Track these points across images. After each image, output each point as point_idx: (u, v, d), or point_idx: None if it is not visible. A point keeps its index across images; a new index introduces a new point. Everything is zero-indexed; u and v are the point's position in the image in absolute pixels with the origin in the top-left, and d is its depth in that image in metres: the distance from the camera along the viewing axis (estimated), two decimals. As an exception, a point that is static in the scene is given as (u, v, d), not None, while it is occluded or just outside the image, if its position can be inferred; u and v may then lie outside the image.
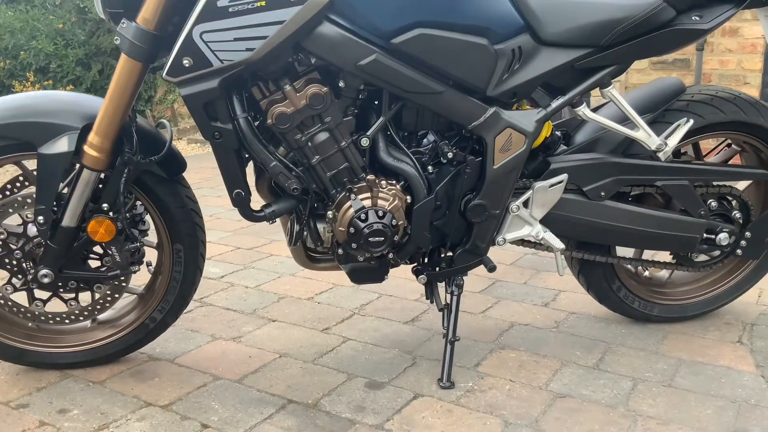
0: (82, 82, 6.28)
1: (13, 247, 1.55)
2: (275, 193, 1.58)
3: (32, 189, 1.57)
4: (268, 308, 2.13)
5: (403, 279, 2.32)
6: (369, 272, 1.67)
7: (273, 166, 1.47)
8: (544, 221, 1.68)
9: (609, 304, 1.94)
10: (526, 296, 2.22)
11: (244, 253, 2.71)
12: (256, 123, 1.49)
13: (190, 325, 2.00)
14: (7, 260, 1.56)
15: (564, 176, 1.64)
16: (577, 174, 1.66)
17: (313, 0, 1.33)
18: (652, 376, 1.68)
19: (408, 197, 1.56)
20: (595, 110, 1.72)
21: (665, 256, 1.99)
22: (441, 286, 1.75)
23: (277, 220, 1.60)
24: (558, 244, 1.67)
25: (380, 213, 1.51)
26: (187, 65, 1.34)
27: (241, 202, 1.50)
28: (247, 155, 1.54)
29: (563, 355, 1.80)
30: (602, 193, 1.69)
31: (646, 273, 1.99)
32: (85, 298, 1.68)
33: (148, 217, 1.68)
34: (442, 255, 1.68)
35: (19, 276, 1.58)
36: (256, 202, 1.52)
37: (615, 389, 1.62)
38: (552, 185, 1.64)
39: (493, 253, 2.39)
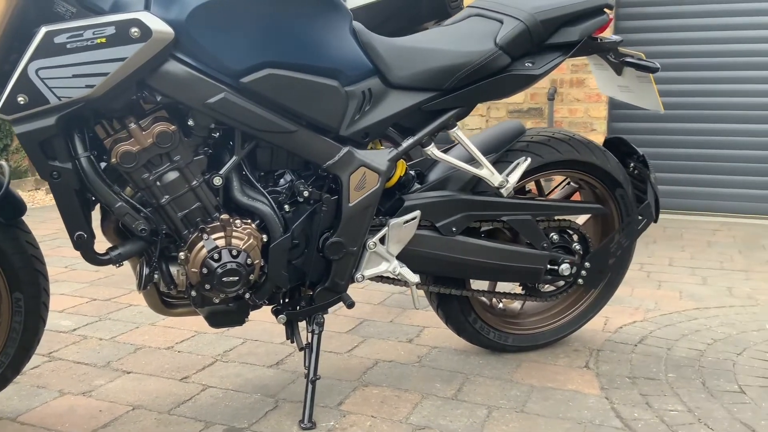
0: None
1: None
2: (123, 235, 1.53)
3: None
4: (123, 360, 2.03)
5: (269, 323, 2.29)
6: (227, 315, 1.64)
7: (118, 206, 1.42)
8: (401, 257, 1.73)
9: (466, 336, 2.01)
10: (392, 334, 2.26)
11: (101, 304, 2.57)
12: (102, 163, 1.44)
13: (36, 381, 1.86)
14: None
15: (417, 213, 1.70)
16: (430, 210, 1.73)
17: (157, 37, 1.32)
18: (506, 403, 1.75)
19: (264, 236, 1.56)
20: (446, 150, 1.81)
21: (517, 287, 2.09)
22: (302, 326, 1.74)
23: (126, 263, 1.55)
24: (413, 278, 1.72)
25: (234, 252, 1.50)
26: (22, 102, 1.28)
27: (83, 245, 1.44)
28: (91, 196, 1.48)
29: (424, 388, 1.84)
30: (453, 229, 1.77)
31: (501, 305, 2.09)
32: None
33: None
34: (302, 294, 1.69)
35: None
36: (104, 244, 1.46)
37: (471, 418, 1.67)
38: (406, 222, 1.69)
39: (361, 293, 2.43)
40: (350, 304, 1.70)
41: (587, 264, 1.96)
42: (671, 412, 1.70)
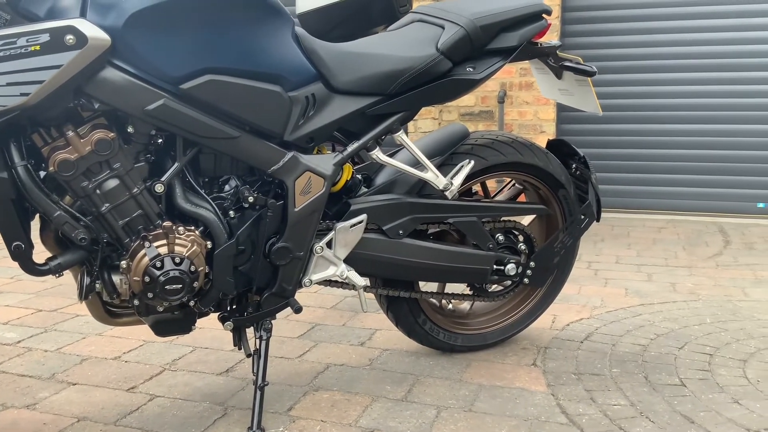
0: None
1: None
2: (63, 244, 1.50)
3: None
4: (69, 371, 1.99)
5: (219, 330, 2.28)
6: (173, 323, 1.62)
7: (57, 215, 1.40)
8: (349, 261, 1.74)
9: (416, 337, 2.03)
10: (344, 337, 2.26)
11: (46, 315, 2.51)
12: (40, 172, 1.41)
13: (-26, 396, 1.81)
14: None
15: (363, 216, 1.71)
16: (376, 214, 1.75)
17: (92, 44, 1.30)
18: (454, 403, 1.77)
19: (208, 243, 1.55)
20: (392, 154, 1.83)
21: (465, 288, 2.12)
22: (250, 332, 1.73)
23: (68, 273, 1.52)
24: (360, 281, 1.73)
25: (177, 260, 1.49)
26: (-48, 111, 1.26)
27: (20, 256, 1.41)
28: (25, 206, 1.45)
29: (374, 390, 1.85)
30: (400, 231, 1.78)
31: (450, 306, 2.11)
32: None
33: None
34: (249, 300, 1.68)
35: None
36: (43, 254, 1.43)
37: (420, 419, 1.69)
38: (353, 225, 1.70)
39: (313, 297, 2.43)
40: (297, 309, 1.70)
41: (532, 263, 2.00)
42: (614, 407, 1.75)
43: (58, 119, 1.38)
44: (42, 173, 1.42)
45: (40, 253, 1.41)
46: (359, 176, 1.83)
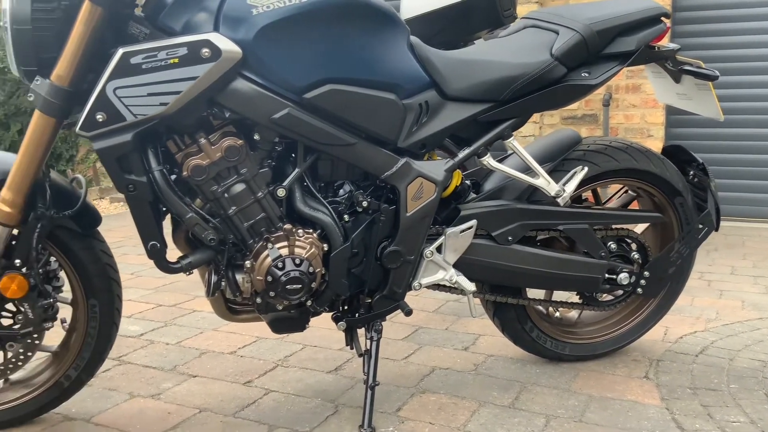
0: (1, 141, 6.11)
1: None
2: (192, 244, 1.60)
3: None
4: (189, 364, 2.11)
5: (327, 329, 2.35)
6: (289, 321, 1.69)
7: (189, 217, 1.49)
8: (458, 266, 1.75)
9: (523, 344, 2.02)
10: (447, 341, 2.28)
11: (166, 310, 2.67)
12: (173, 176, 1.52)
13: (107, 383, 1.95)
14: None
15: (473, 222, 1.72)
16: (486, 220, 1.75)
17: (226, 57, 1.39)
18: (563, 413, 1.75)
19: (325, 245, 1.61)
20: (501, 160, 1.83)
21: (574, 296, 2.09)
22: (361, 333, 1.78)
23: (196, 272, 1.62)
24: (469, 286, 1.74)
25: (297, 261, 1.55)
26: (100, 120, 1.37)
27: (156, 254, 1.51)
28: (164, 208, 1.56)
29: (481, 396, 1.86)
30: (509, 238, 1.78)
31: (557, 314, 2.08)
32: (-6, 358, 1.63)
33: (62, 273, 1.66)
34: (361, 301, 1.73)
35: (-76, 337, 1.53)
36: (174, 253, 1.53)
37: (529, 427, 1.68)
38: (462, 231, 1.72)
39: (416, 300, 2.45)
40: (408, 312, 1.73)
41: (646, 273, 1.95)
42: (734, 423, 1.67)
43: (191, 127, 1.47)
44: (173, 177, 1.52)
45: (170, 251, 1.50)
46: (468, 182, 1.84)
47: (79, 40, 1.38)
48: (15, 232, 1.52)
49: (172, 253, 1.53)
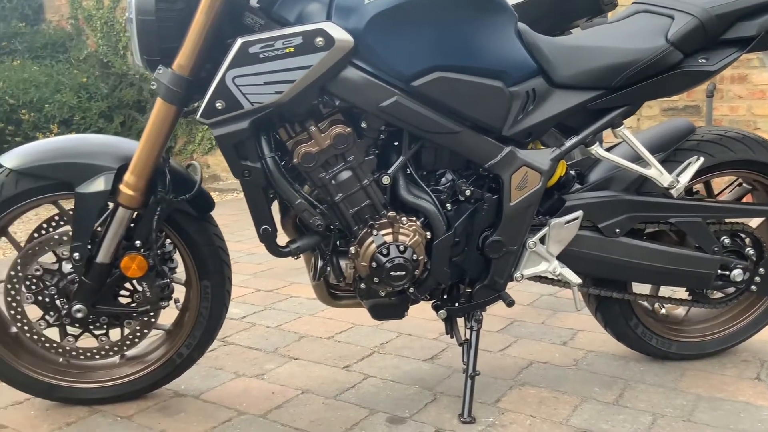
0: (105, 133, 6.47)
1: (48, 283, 1.61)
2: (299, 230, 1.64)
3: (67, 228, 1.64)
4: (290, 347, 2.17)
5: (421, 319, 2.36)
6: (389, 308, 1.71)
7: (298, 203, 1.53)
8: (561, 258, 1.72)
9: (627, 341, 1.96)
10: (544, 335, 2.24)
11: (265, 294, 2.75)
12: (282, 162, 1.56)
13: (213, 363, 2.04)
14: (41, 297, 1.62)
15: (579, 213, 1.68)
16: (592, 211, 1.71)
17: (338, 46, 1.41)
18: (671, 412, 1.69)
19: (428, 233, 1.61)
20: (607, 150, 1.78)
21: (682, 293, 2.01)
22: (460, 322, 1.78)
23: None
24: (575, 279, 1.71)
25: (401, 248, 1.56)
26: (219, 107, 1.42)
27: (267, 238, 1.56)
28: (272, 194, 1.60)
29: (582, 391, 1.82)
30: (617, 230, 1.73)
31: (663, 310, 2.01)
32: (114, 334, 1.72)
33: (176, 255, 1.73)
34: (461, 290, 1.72)
35: (52, 312, 1.63)
36: (282, 238, 1.58)
37: (635, 424, 1.63)
38: (568, 222, 1.68)
39: (510, 293, 2.42)
40: (510, 303, 1.71)
41: (761, 270, 1.85)
42: None
43: (302, 115, 1.51)
44: (282, 164, 1.56)
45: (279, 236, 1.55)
46: (572, 172, 1.80)
47: (199, 30, 1.44)
48: (135, 214, 1.60)
49: (281, 238, 1.58)
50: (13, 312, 1.63)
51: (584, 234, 1.72)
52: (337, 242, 1.62)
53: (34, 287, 1.61)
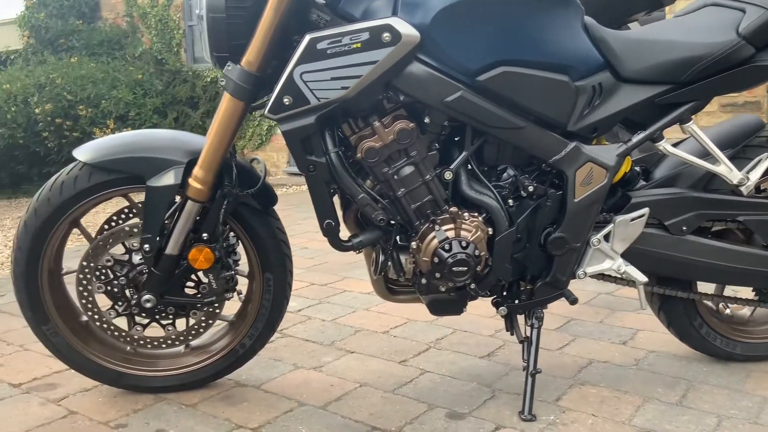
0: (159, 128, 6.62)
1: (118, 274, 1.66)
2: (361, 225, 1.65)
3: (136, 220, 1.69)
4: (346, 340, 2.19)
5: (476, 315, 2.35)
6: (448, 304, 1.71)
7: (361, 198, 1.54)
8: (625, 256, 1.69)
9: (690, 341, 1.92)
10: (603, 334, 2.21)
11: (319, 288, 2.78)
12: (346, 157, 1.57)
13: (272, 354, 2.07)
14: (111, 287, 1.67)
15: (645, 210, 1.65)
16: (659, 208, 1.68)
17: (404, 41, 1.42)
18: (737, 414, 1.65)
19: (489, 229, 1.61)
20: (674, 146, 1.74)
21: (747, 292, 1.96)
22: (520, 319, 1.77)
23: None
24: (641, 277, 1.68)
25: (463, 243, 1.56)
26: (287, 103, 1.44)
27: (330, 232, 1.58)
28: (333, 188, 1.62)
29: (645, 391, 1.79)
30: (684, 228, 1.70)
31: (728, 310, 1.96)
32: (180, 324, 1.76)
33: (239, 248, 1.77)
34: (522, 287, 1.71)
35: (122, 302, 1.68)
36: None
37: (700, 426, 1.60)
38: (633, 219, 1.65)
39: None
40: (573, 301, 1.69)
41: (833, 271, 1.79)
42: None
43: (366, 111, 1.52)
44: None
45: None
46: (637, 168, 1.77)
47: (268, 26, 1.46)
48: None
49: (343, 233, 1.59)
50: (84, 301, 1.68)
51: (650, 231, 1.69)
52: (398, 237, 1.63)
53: (104, 277, 1.66)
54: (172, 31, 7.41)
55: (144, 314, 1.69)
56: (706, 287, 1.92)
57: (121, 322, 1.74)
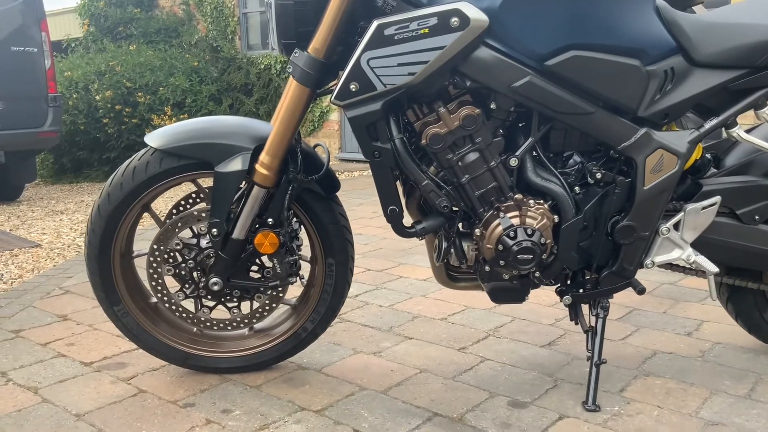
0: (213, 115, 6.74)
1: (187, 257, 1.70)
2: (423, 211, 1.65)
3: (204, 205, 1.72)
4: (404, 326, 2.19)
5: (535, 304, 2.33)
6: (511, 292, 1.69)
7: (425, 184, 1.54)
8: (695, 245, 1.65)
9: (759, 333, 1.86)
10: (667, 325, 2.16)
11: (375, 274, 2.80)
12: (410, 143, 1.56)
13: (332, 339, 2.09)
14: (180, 270, 1.71)
15: (717, 198, 1.61)
16: (731, 197, 1.63)
17: (473, 25, 1.40)
18: (813, 410, 1.60)
19: (555, 217, 1.58)
20: (749, 132, 1.69)
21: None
22: (584, 309, 1.74)
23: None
24: (712, 267, 1.63)
25: (529, 231, 1.54)
26: (353, 89, 1.45)
27: (394, 218, 1.58)
28: (396, 174, 1.61)
29: (712, 384, 1.74)
30: (756, 217, 1.64)
31: (800, 303, 1.89)
32: (244, 307, 1.80)
33: (302, 233, 1.79)
34: (587, 276, 1.69)
35: (189, 284, 1.72)
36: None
37: (773, 421, 1.56)
38: (704, 207, 1.61)
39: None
40: (641, 290, 1.66)
41: None
42: None
43: (430, 96, 1.51)
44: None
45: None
46: (708, 155, 1.72)
47: (335, 13, 1.47)
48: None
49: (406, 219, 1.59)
50: (153, 283, 1.73)
51: (721, 220, 1.64)
52: (460, 224, 1.62)
53: (173, 261, 1.71)
54: (227, 19, 7.50)
55: (210, 297, 1.73)
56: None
57: (188, 304, 1.78)
